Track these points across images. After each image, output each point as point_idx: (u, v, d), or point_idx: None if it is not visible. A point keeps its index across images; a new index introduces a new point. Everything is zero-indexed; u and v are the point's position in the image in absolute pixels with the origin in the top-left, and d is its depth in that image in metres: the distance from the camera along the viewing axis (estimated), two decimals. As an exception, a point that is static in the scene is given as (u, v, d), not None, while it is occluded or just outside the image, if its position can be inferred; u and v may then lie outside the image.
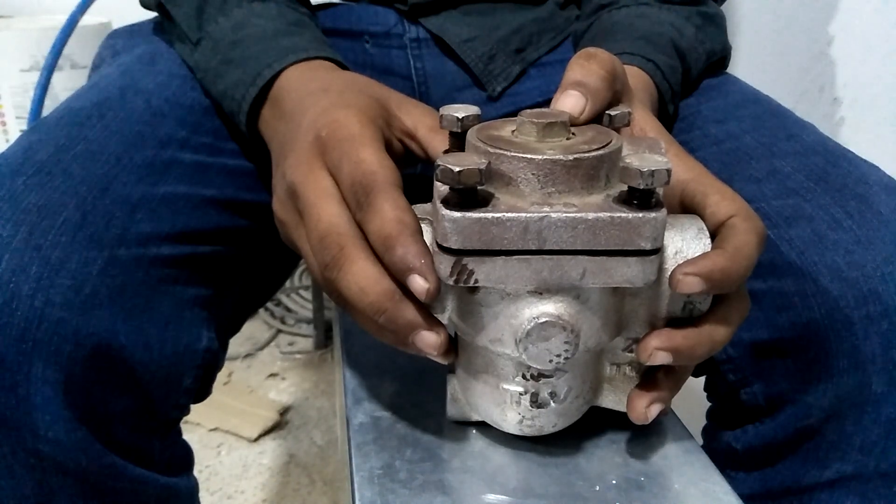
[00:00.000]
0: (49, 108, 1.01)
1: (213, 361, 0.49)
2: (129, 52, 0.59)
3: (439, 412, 0.44)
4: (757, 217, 0.38)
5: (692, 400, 0.59)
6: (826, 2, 1.34)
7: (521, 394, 0.39)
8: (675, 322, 0.38)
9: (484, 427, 0.43)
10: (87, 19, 1.01)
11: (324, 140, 0.39)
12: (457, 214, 0.33)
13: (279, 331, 1.50)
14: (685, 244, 0.37)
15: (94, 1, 0.98)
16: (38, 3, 1.25)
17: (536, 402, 0.39)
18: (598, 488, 0.40)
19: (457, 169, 0.32)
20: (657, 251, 0.34)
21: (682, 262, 0.36)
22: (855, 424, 0.44)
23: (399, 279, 0.34)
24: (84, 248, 0.41)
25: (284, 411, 1.27)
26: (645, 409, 0.39)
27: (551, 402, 0.39)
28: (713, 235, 0.38)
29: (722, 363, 0.50)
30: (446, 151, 0.40)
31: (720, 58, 0.62)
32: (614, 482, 0.40)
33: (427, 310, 0.35)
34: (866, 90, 1.39)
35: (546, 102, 0.67)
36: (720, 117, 0.57)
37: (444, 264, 0.34)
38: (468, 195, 0.33)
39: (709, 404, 0.57)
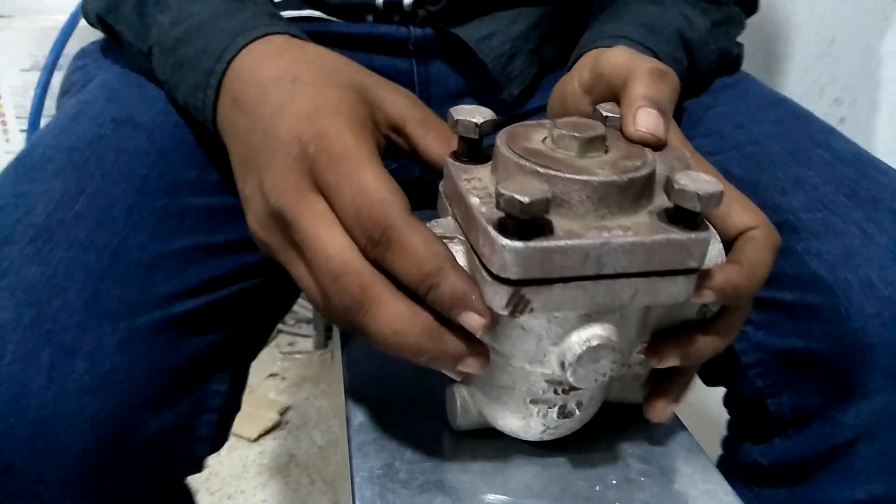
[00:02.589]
0: (49, 108, 1.01)
1: (227, 405, 0.47)
2: (107, 72, 0.53)
3: (439, 412, 0.44)
4: (776, 232, 0.38)
5: (694, 401, 0.59)
6: (826, 2, 1.34)
7: (549, 407, 0.38)
8: (687, 324, 0.38)
9: (484, 427, 0.43)
10: (87, 19, 1.01)
11: (312, 157, 0.35)
12: (519, 245, 0.30)
13: (279, 331, 1.50)
14: None
15: (94, 1, 0.98)
16: (38, 3, 1.25)
17: (563, 414, 0.38)
18: (598, 488, 0.40)
19: (526, 200, 0.29)
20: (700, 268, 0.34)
21: None
22: (890, 445, 0.43)
23: (447, 316, 0.32)
24: (99, 325, 0.38)
25: (284, 411, 1.27)
26: (664, 410, 0.40)
27: (577, 411, 0.39)
28: (731, 243, 0.38)
29: (750, 367, 0.49)
30: (458, 155, 0.37)
31: (735, 57, 0.60)
32: (614, 482, 0.40)
33: (468, 333, 0.33)
34: (866, 90, 1.39)
35: (545, 107, 0.65)
36: (740, 120, 0.54)
37: (500, 295, 0.32)
38: (528, 223, 0.31)
39: (709, 402, 0.56)
